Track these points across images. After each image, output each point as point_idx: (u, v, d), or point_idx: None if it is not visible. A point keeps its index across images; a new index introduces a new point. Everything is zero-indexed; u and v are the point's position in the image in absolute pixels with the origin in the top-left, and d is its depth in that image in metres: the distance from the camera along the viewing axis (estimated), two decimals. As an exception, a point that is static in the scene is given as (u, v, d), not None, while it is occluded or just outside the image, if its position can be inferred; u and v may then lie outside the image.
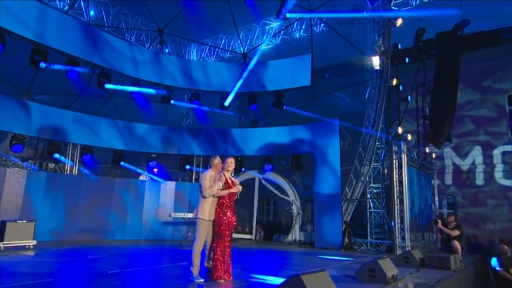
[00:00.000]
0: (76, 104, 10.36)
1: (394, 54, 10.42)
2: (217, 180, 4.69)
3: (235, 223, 4.67)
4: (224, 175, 4.73)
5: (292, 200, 11.91)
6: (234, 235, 11.65)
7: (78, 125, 10.34)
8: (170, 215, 10.37)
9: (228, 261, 4.61)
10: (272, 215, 13.98)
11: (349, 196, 10.22)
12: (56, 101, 10.02)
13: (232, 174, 4.99)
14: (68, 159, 10.41)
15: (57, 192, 9.58)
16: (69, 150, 10.50)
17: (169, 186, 11.31)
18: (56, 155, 10.20)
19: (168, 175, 12.49)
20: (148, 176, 11.51)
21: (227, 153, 11.58)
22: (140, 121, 11.55)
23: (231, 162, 4.80)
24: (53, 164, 10.91)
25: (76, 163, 10.62)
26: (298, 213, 11.70)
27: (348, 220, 10.13)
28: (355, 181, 10.25)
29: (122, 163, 10.95)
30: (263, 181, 12.27)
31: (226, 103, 11.61)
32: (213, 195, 4.63)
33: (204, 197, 4.61)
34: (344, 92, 12.02)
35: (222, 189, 4.63)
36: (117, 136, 11.09)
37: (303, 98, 12.31)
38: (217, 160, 4.84)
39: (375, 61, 10.25)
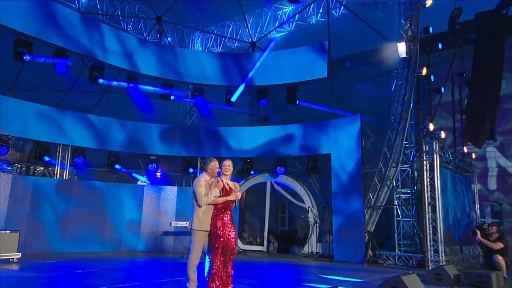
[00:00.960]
0: (66, 101, 10.36)
1: (425, 39, 10.09)
2: (213, 186, 4.65)
3: (234, 232, 4.60)
4: (222, 180, 4.68)
5: (309, 207, 11.79)
6: (244, 247, 12.03)
7: (68, 124, 10.33)
8: (171, 223, 10.29)
9: (229, 277, 4.53)
10: (288, 224, 13.91)
11: (373, 203, 9.97)
12: (43, 98, 10.02)
13: (230, 178, 4.86)
14: (58, 161, 10.43)
15: (46, 199, 9.58)
16: (59, 152, 10.52)
17: (171, 192, 11.26)
18: (46, 158, 10.16)
19: (169, 179, 12.45)
20: (144, 182, 11.46)
21: (235, 154, 11.61)
22: (138, 119, 11.55)
23: (228, 165, 4.73)
24: (42, 168, 10.93)
25: (67, 166, 10.62)
26: (315, 222, 11.57)
27: (372, 230, 9.90)
28: (379, 186, 9.98)
29: (117, 166, 10.91)
30: (275, 186, 12.16)
31: (233, 99, 11.54)
32: (208, 204, 4.59)
33: (199, 206, 4.58)
34: (367, 84, 11.73)
35: (220, 196, 4.59)
36: (113, 136, 11.08)
37: (319, 91, 12.11)
38: (213, 163, 4.79)
39: (401, 48, 9.92)
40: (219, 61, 11.98)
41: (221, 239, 4.49)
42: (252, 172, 11.92)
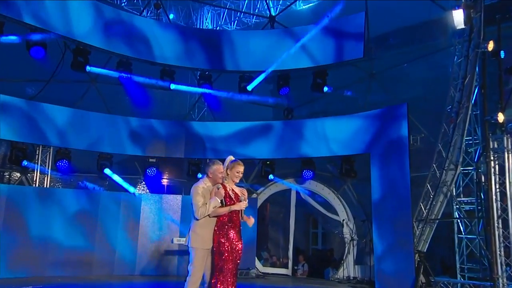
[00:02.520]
0: (46, 92, 10.23)
1: (491, 6, 9.68)
2: (213, 194, 4.65)
3: (240, 250, 4.66)
4: (225, 187, 4.67)
5: (343, 220, 11.51)
6: (264, 269, 12.18)
7: (48, 121, 10.16)
8: (172, 241, 10.14)
9: None
10: (321, 242, 13.80)
11: (425, 216, 9.52)
12: (17, 89, 9.99)
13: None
14: (37, 166, 10.40)
15: (23, 212, 9.46)
16: (38, 154, 10.50)
17: (174, 202, 11.11)
18: (25, 163, 10.02)
19: (173, 187, 12.47)
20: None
21: (252, 155, 11.44)
22: (134, 114, 11.40)
23: (240, 172, 4.72)
24: (19, 174, 10.83)
25: (48, 171, 10.62)
26: (352, 239, 11.24)
27: (425, 250, 9.46)
28: (433, 194, 9.53)
29: (106, 170, 10.69)
30: (302, 194, 11.94)
31: (250, 87, 11.33)
32: (209, 215, 4.63)
33: (197, 219, 4.64)
34: (415, 66, 11.27)
35: (221, 206, 4.60)
36: (103, 134, 10.93)
37: (355, 76, 11.76)
38: (215, 167, 4.80)
39: (457, 17, 9.33)
40: (231, 41, 11.67)
41: (227, 258, 4.52)
42: (272, 177, 11.64)
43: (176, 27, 12.51)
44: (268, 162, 11.60)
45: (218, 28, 14.75)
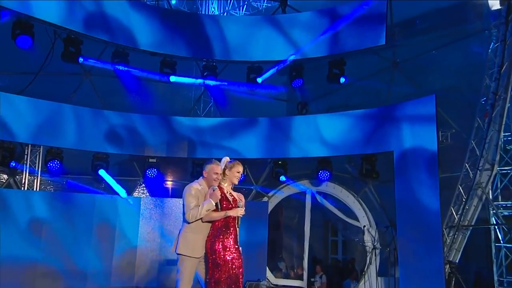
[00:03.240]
0: (35, 86, 10.19)
1: None
2: (208, 196, 4.65)
3: (240, 260, 4.61)
4: (221, 189, 4.67)
5: (364, 227, 11.34)
6: (277, 281, 11.81)
7: (37, 117, 10.12)
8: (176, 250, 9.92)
9: None
10: (341, 251, 13.80)
11: (456, 221, 9.35)
12: (3, 82, 9.96)
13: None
14: (26, 167, 10.32)
15: (9, 217, 9.44)
16: (27, 154, 10.39)
17: (176, 206, 10.88)
18: (12, 164, 10.00)
19: (176, 189, 12.31)
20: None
21: (261, 154, 11.48)
22: (132, 109, 11.37)
23: (240, 172, 4.77)
24: (5, 176, 10.71)
25: (38, 173, 10.51)
26: (374, 248, 11.04)
27: (457, 261, 9.31)
28: (466, 197, 9.34)
29: (101, 172, 10.64)
30: (317, 197, 11.82)
31: (261, 79, 11.27)
32: (201, 219, 4.61)
33: (188, 222, 4.63)
34: (445, 53, 11.02)
35: (216, 210, 4.58)
36: (98, 132, 10.87)
37: (377, 65, 11.55)
38: (211, 166, 4.80)
39: None
40: (238, 28, 11.58)
41: (223, 269, 4.48)
42: (284, 179, 11.51)
43: (177, 13, 12.45)
44: (280, 162, 11.49)
45: (225, 14, 14.53)
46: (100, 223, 10.33)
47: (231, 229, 4.61)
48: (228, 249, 4.54)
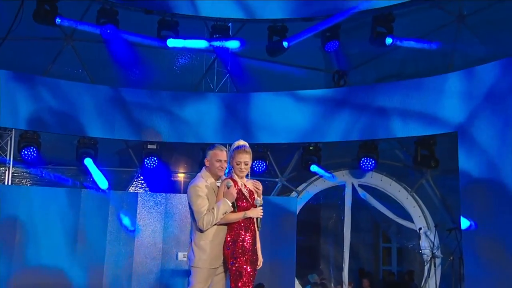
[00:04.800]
0: (1, 55, 9.91)
1: None
2: (221, 194, 4.70)
3: (258, 263, 4.77)
4: (235, 183, 4.69)
5: (420, 230, 11.10)
6: None
7: (8, 94, 10.02)
8: (177, 256, 10.25)
9: None
10: (396, 260, 13.80)
11: None
12: None
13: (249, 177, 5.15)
14: None
15: None
16: None
17: (181, 203, 10.72)
18: None
19: (178, 182, 12.59)
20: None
21: (287, 138, 11.43)
22: (124, 84, 11.31)
23: (242, 163, 4.70)
24: None
25: (10, 162, 10.44)
26: (433, 256, 10.78)
27: None
28: None
29: (87, 161, 10.52)
30: (359, 191, 11.77)
31: (286, 43, 11.01)
32: (216, 224, 4.66)
33: (201, 231, 4.66)
34: None
35: (233, 211, 4.65)
36: (83, 112, 10.82)
37: (437, 21, 11.15)
38: (213, 152, 4.88)
39: None
40: None
41: (246, 279, 4.57)
42: (316, 169, 11.28)
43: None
44: (311, 148, 11.27)
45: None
46: (86, 225, 10.24)
47: (251, 230, 4.70)
48: (249, 254, 4.62)
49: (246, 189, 4.72)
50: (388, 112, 10.71)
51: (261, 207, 4.69)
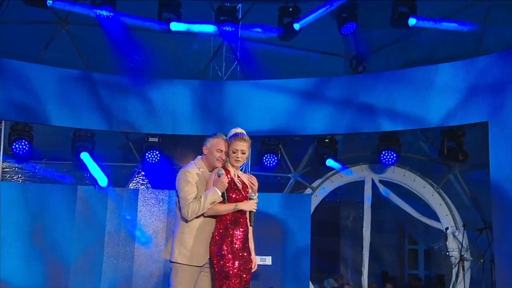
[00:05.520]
0: None
1: None
2: (211, 182, 4.73)
3: (252, 264, 4.77)
4: (228, 172, 4.76)
5: (447, 230, 11.00)
6: None
7: None
8: None
9: None
10: (424, 264, 13.81)
11: None
12: None
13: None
14: None
15: None
16: None
17: None
18: None
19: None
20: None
21: (301, 130, 11.25)
22: (123, 71, 11.20)
23: (239, 151, 4.78)
24: None
25: (0, 156, 10.48)
26: (462, 259, 10.67)
27: None
28: None
29: (84, 155, 10.53)
30: (380, 188, 11.70)
31: (298, 25, 10.99)
32: (203, 215, 4.67)
33: (186, 220, 4.67)
34: None
35: (223, 202, 4.66)
36: (79, 102, 10.77)
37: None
38: (214, 141, 4.89)
39: None
40: None
41: (234, 280, 4.54)
42: (332, 164, 11.25)
43: None
44: (326, 140, 11.15)
45: None
46: (82, 224, 10.30)
47: (241, 225, 4.69)
48: (236, 253, 4.60)
49: (239, 180, 4.73)
50: (410, 100, 10.56)
51: (256, 202, 4.67)
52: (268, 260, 9.34)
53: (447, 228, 10.89)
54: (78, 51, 11.23)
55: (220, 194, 4.60)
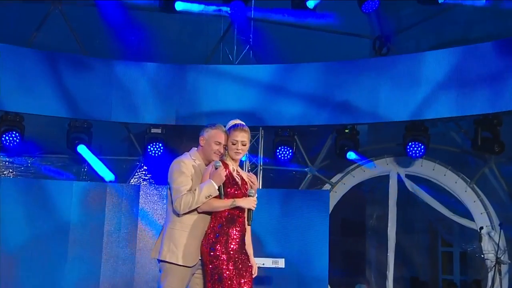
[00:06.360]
0: None
1: None
2: (207, 175, 4.74)
3: (249, 270, 4.74)
4: (226, 165, 4.77)
5: (482, 230, 10.86)
6: None
7: None
8: None
9: None
10: (459, 268, 13.84)
11: None
12: None
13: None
14: None
15: None
16: None
17: None
18: None
19: None
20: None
21: (316, 122, 11.31)
22: (124, 56, 11.35)
23: (239, 142, 4.81)
24: None
25: None
26: (498, 262, 10.56)
27: None
28: None
29: (81, 148, 10.60)
30: (407, 182, 11.69)
31: (313, 3, 11.08)
32: (197, 209, 4.67)
33: (178, 215, 4.70)
34: None
35: (219, 197, 4.68)
36: (74, 89, 10.84)
37: None
38: (213, 132, 4.91)
39: None
40: None
41: (227, 284, 4.56)
42: (354, 157, 11.22)
43: None
44: (346, 130, 11.13)
45: None
46: (79, 224, 10.29)
47: (238, 225, 4.67)
48: (231, 255, 4.59)
49: (238, 175, 4.72)
50: (441, 85, 10.43)
51: (255, 200, 4.66)
52: (281, 263, 9.21)
53: (481, 228, 10.74)
54: (73, 33, 11.21)
55: (217, 188, 4.58)
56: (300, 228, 9.97)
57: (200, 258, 4.64)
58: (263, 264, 9.11)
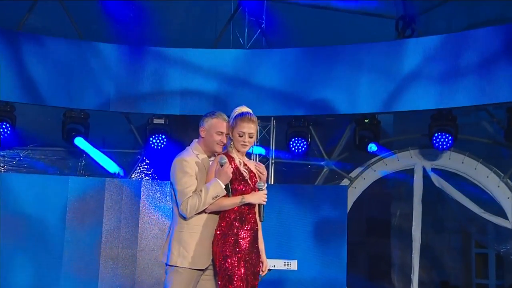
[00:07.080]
0: None
1: None
2: (212, 173, 4.80)
3: (260, 267, 4.89)
4: (232, 159, 4.82)
5: None
6: None
7: None
8: None
9: None
10: (495, 272, 13.74)
11: None
12: None
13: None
14: None
15: None
16: None
17: None
18: None
19: None
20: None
21: (337, 109, 11.05)
22: (121, 40, 11.41)
23: (246, 134, 4.79)
24: None
25: None
26: None
27: None
28: None
29: (78, 140, 10.68)
30: (434, 178, 11.59)
31: None
32: (205, 210, 4.74)
33: (184, 217, 4.75)
34: None
35: (228, 195, 4.74)
36: (70, 77, 10.88)
37: None
38: (214, 121, 4.99)
39: None
40: None
41: (237, 285, 4.59)
42: (375, 149, 11.15)
43: None
44: (366, 121, 11.05)
45: None
46: (75, 223, 10.31)
47: (248, 223, 4.71)
48: (243, 255, 4.64)
49: (246, 169, 4.72)
50: (471, 70, 10.26)
51: (265, 193, 4.67)
52: (293, 265, 9.28)
53: (514, 226, 10.59)
54: (69, 16, 11.21)
55: (224, 186, 4.62)
56: (315, 227, 9.92)
57: (211, 259, 4.72)
58: (274, 266, 9.10)
